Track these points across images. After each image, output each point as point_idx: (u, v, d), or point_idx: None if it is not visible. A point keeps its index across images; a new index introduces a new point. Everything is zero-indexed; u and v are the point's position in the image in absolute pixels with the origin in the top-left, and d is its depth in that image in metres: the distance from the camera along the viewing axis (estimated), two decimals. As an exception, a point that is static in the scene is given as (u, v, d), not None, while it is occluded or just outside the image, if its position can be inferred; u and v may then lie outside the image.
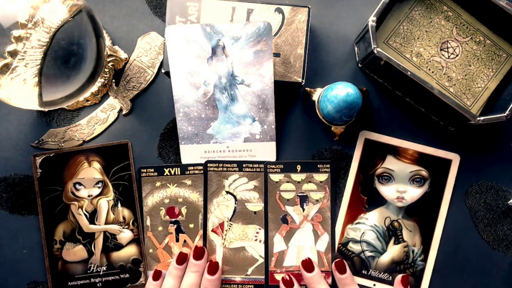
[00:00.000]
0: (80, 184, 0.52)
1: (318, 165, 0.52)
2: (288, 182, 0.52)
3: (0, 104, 0.53)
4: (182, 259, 0.50)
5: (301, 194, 0.52)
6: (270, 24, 0.47)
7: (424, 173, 0.52)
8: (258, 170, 0.52)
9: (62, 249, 0.52)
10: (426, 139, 0.53)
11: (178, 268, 0.50)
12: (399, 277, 0.51)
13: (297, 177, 0.52)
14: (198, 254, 0.50)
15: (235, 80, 0.49)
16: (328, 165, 0.52)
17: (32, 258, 0.53)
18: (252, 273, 0.52)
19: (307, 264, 0.50)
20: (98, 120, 0.53)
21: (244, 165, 0.52)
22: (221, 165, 0.52)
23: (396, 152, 0.52)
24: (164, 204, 0.52)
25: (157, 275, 0.50)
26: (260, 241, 0.52)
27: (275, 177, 0.52)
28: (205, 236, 0.52)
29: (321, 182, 0.52)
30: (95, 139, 0.53)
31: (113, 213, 0.52)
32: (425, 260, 0.52)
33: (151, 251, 0.52)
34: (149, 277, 0.51)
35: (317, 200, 0.52)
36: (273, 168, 0.52)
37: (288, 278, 0.50)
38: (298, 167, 0.52)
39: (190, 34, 0.48)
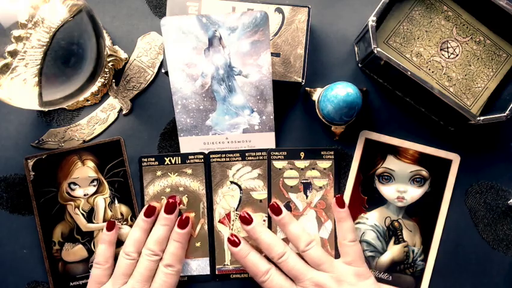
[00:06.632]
0: (75, 184, 0.52)
1: (322, 152, 0.52)
2: (291, 168, 0.52)
3: (0, 104, 0.53)
4: (150, 212, 0.50)
5: (304, 181, 0.52)
6: (267, 14, 0.47)
7: (424, 173, 0.52)
8: (261, 158, 0.52)
9: (62, 250, 0.52)
10: (426, 139, 0.53)
11: (146, 221, 0.50)
12: (334, 199, 0.50)
13: (300, 164, 0.52)
14: (170, 208, 0.50)
15: (232, 71, 0.49)
16: (332, 152, 0.52)
17: (32, 258, 0.53)
18: None
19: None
20: (98, 120, 0.53)
21: (246, 154, 0.52)
22: (224, 155, 0.52)
23: (397, 151, 0.52)
24: (166, 193, 0.52)
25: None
26: None
27: (278, 164, 0.52)
28: (212, 228, 0.52)
29: (324, 169, 0.52)
30: (95, 139, 0.53)
31: (111, 211, 0.52)
32: (425, 260, 0.52)
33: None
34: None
35: (321, 187, 0.52)
36: (277, 155, 0.52)
37: (233, 239, 0.49)
38: (302, 154, 0.52)
39: (186, 25, 0.48)
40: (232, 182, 0.52)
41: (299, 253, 0.49)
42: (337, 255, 0.51)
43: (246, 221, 0.49)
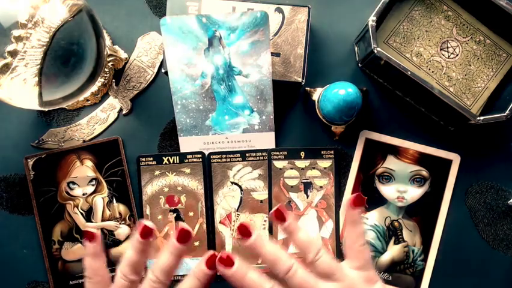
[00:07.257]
0: (73, 183, 0.52)
1: (322, 152, 0.52)
2: (292, 168, 0.52)
3: (0, 104, 0.53)
4: (147, 233, 0.42)
5: (305, 181, 0.52)
6: (267, 14, 0.47)
7: (425, 173, 0.52)
8: (262, 158, 0.52)
9: (61, 249, 0.52)
10: (426, 139, 0.53)
11: (142, 243, 0.42)
12: (350, 198, 0.43)
13: (301, 163, 0.52)
14: (183, 237, 0.42)
15: (232, 71, 0.49)
16: (332, 152, 0.52)
17: (32, 257, 0.53)
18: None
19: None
20: (98, 120, 0.53)
21: (247, 154, 0.52)
22: (224, 156, 0.52)
23: (397, 151, 0.52)
24: (164, 193, 0.52)
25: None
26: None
27: (279, 163, 0.52)
28: (213, 228, 0.52)
29: (325, 168, 0.52)
30: (95, 139, 0.53)
31: (109, 210, 0.52)
32: (425, 260, 0.52)
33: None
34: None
35: (321, 187, 0.52)
36: (277, 155, 0.52)
37: (225, 257, 0.41)
38: (302, 154, 0.52)
39: (186, 25, 0.48)
40: (232, 183, 0.52)
41: (306, 263, 0.43)
42: (338, 254, 0.51)
43: (246, 232, 0.42)
